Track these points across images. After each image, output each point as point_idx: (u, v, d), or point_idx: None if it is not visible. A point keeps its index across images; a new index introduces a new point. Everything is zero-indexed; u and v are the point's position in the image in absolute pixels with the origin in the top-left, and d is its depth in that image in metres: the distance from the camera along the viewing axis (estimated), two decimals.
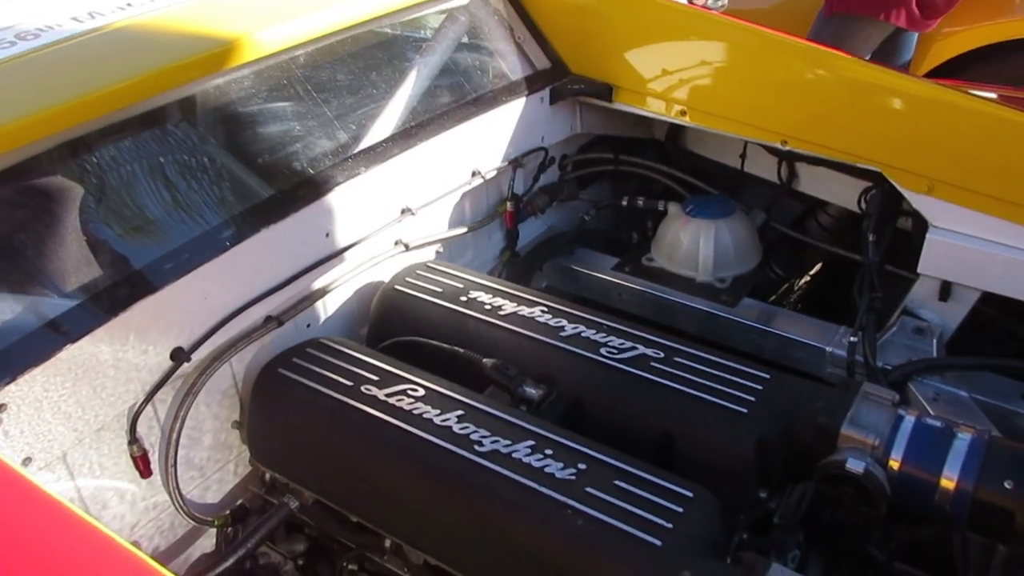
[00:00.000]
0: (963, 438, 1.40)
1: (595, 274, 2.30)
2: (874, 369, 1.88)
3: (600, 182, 2.64)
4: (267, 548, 1.65)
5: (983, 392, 1.86)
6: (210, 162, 1.67)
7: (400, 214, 1.90)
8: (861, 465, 1.38)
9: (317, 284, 1.75)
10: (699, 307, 2.16)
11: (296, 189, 1.68)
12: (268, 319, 1.66)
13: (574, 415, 1.57)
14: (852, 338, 1.95)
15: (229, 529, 1.64)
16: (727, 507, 1.46)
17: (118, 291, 1.41)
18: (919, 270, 1.92)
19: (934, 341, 1.93)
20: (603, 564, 1.23)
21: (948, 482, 1.36)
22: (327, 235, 1.73)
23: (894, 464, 1.41)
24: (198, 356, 1.52)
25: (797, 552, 1.43)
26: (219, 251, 1.52)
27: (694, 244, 2.24)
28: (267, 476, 1.63)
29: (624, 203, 2.45)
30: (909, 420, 1.44)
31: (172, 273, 1.46)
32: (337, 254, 1.75)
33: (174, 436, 1.50)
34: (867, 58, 3.33)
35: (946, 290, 1.93)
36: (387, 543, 1.49)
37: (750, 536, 1.44)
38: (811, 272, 2.80)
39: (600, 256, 2.37)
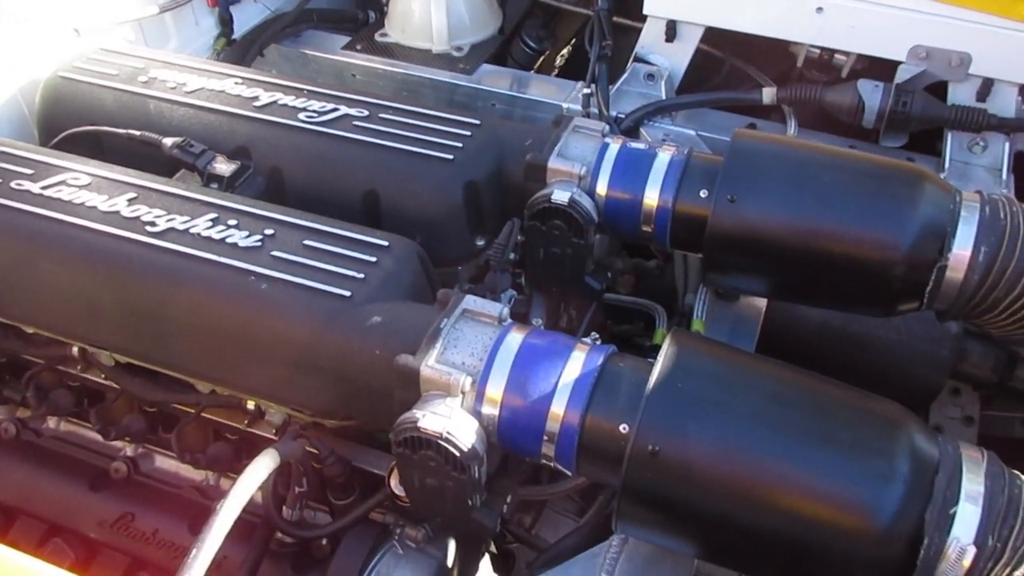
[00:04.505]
0: (663, 157, 1.38)
1: (325, 55, 2.10)
2: (607, 117, 1.85)
3: None
4: None
5: (709, 129, 1.88)
6: None
7: None
8: (566, 195, 1.34)
9: None
10: (437, 78, 2.03)
11: None
12: None
13: (275, 188, 1.44)
14: (586, 90, 1.90)
15: None
16: (447, 259, 1.41)
17: None
18: (645, 11, 1.87)
19: (662, 84, 1.92)
20: (290, 323, 1.14)
21: (650, 200, 1.36)
22: None
23: (601, 191, 1.38)
24: None
25: (514, 292, 1.41)
26: None
27: (426, 12, 2.08)
28: None
29: None
30: (614, 147, 1.41)
31: None
32: None
33: None
34: None
35: (671, 30, 1.89)
36: (74, 350, 1.33)
37: (472, 286, 1.41)
38: (569, 42, 2.73)
39: (330, 36, 2.16)
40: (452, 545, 1.25)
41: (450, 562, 1.24)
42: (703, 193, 1.33)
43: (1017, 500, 0.93)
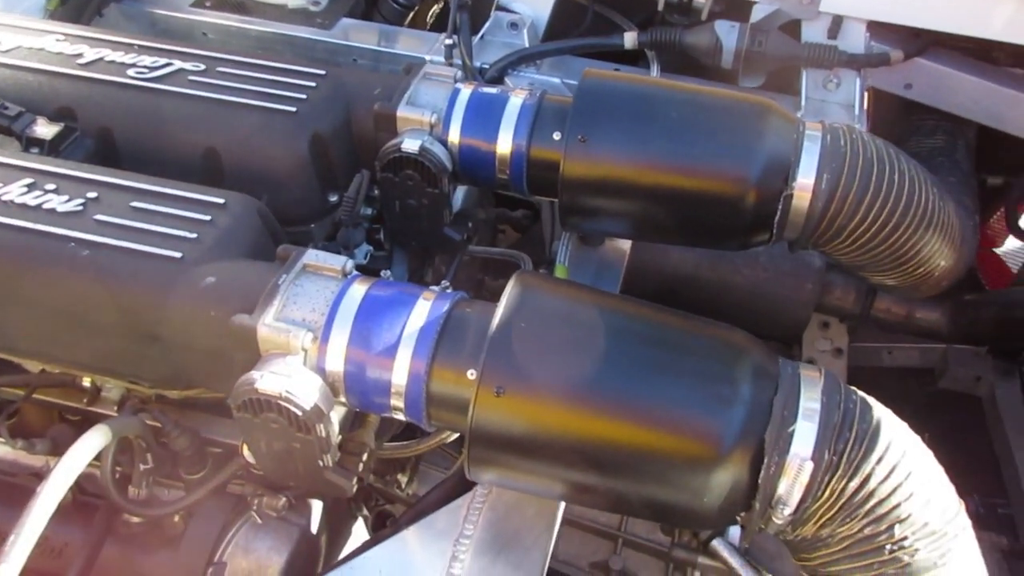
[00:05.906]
0: (515, 101, 1.35)
1: (172, 14, 1.98)
2: (470, 68, 1.81)
3: None
4: None
5: (576, 77, 1.84)
6: None
7: None
8: (416, 144, 1.29)
9: None
10: (295, 34, 1.94)
11: None
12: None
13: (106, 150, 1.34)
14: (448, 41, 1.85)
15: None
16: (298, 217, 1.35)
17: None
18: None
19: (525, 33, 1.88)
20: (117, 290, 1.07)
21: (504, 145, 1.32)
22: None
23: (454, 139, 1.34)
24: None
25: (370, 248, 1.37)
26: None
27: None
28: None
29: None
30: (465, 92, 1.37)
31: None
32: None
33: None
34: None
35: None
36: None
37: (326, 243, 1.36)
38: None
39: None
40: (317, 511, 1.21)
41: (315, 528, 1.20)
42: (556, 135, 1.31)
43: (852, 414, 0.95)
